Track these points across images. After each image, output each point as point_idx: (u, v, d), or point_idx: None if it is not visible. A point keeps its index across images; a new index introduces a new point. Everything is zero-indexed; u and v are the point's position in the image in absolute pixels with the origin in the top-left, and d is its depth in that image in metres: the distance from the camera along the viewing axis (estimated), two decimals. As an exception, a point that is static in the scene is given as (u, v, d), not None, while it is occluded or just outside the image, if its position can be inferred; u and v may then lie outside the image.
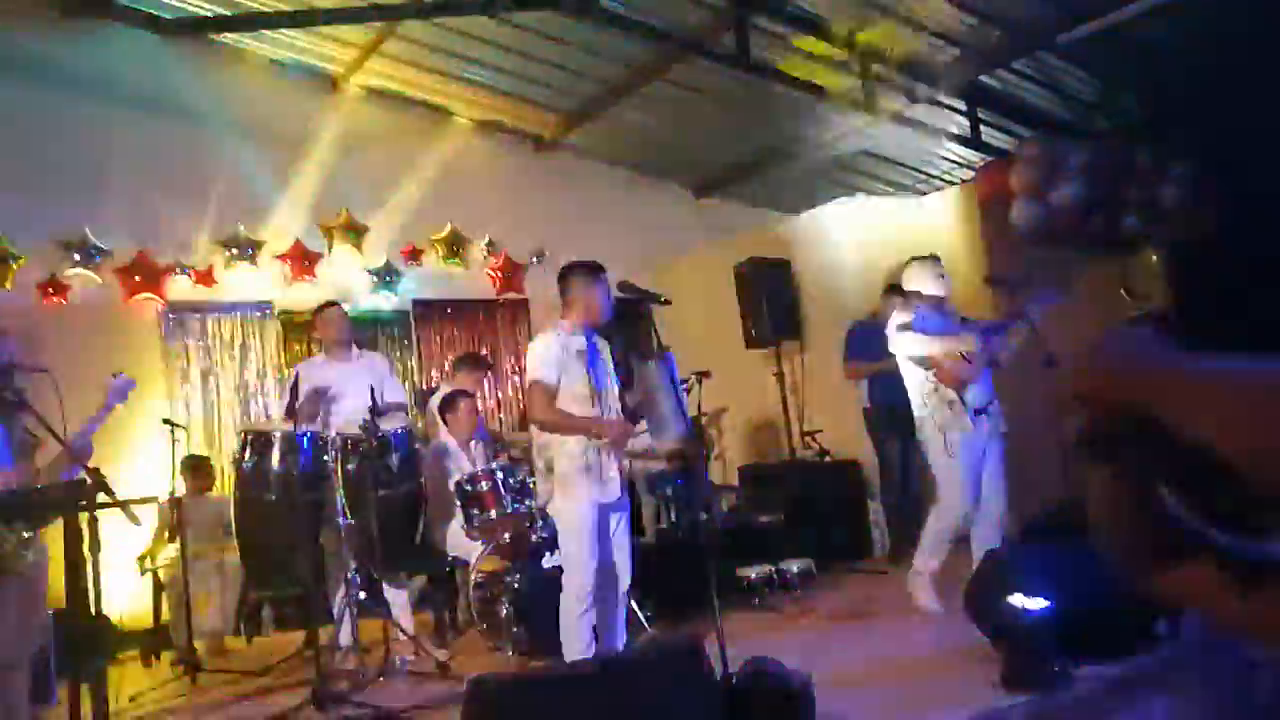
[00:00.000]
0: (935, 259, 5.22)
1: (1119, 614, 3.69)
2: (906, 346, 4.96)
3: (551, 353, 4.01)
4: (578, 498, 3.96)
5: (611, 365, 4.21)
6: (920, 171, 9.75)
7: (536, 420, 4.15)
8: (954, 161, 9.42)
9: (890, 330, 5.07)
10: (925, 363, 4.91)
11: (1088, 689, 3.13)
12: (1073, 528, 4.61)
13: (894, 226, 7.55)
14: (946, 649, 4.02)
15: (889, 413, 6.52)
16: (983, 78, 7.92)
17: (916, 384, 4.98)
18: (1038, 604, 3.32)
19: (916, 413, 5.01)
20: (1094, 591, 3.64)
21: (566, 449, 4.00)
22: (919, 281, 5.10)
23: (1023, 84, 8.02)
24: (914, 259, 5.24)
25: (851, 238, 7.50)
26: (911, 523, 6.68)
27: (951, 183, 9.54)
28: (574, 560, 3.99)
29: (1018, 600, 3.35)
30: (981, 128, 8.49)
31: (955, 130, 8.64)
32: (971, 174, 8.54)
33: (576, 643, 3.95)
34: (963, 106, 8.38)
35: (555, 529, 4.33)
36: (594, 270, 4.14)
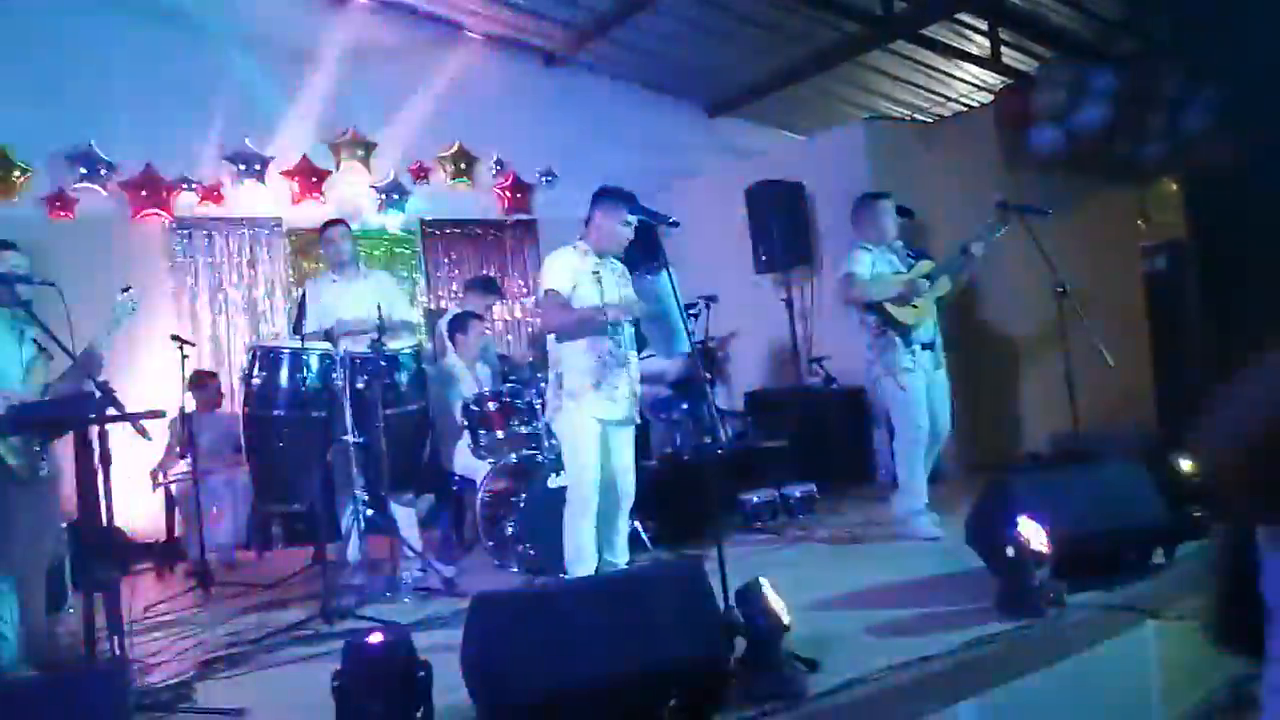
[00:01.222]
0: (886, 196, 5.29)
1: (1114, 543, 3.72)
2: (854, 296, 5.09)
3: (567, 265, 4.09)
4: (583, 412, 4.01)
5: (622, 291, 4.20)
6: (938, 94, 9.53)
7: (548, 327, 4.22)
8: (972, 84, 9.20)
9: (839, 278, 5.18)
10: (874, 307, 5.04)
11: (1081, 617, 3.17)
12: (1073, 457, 4.63)
13: (910, 150, 7.42)
14: (945, 574, 4.07)
15: None
16: (1006, -5, 7.70)
17: (865, 326, 5.12)
18: (1034, 531, 3.34)
19: (865, 354, 5.15)
20: (1090, 520, 3.67)
21: (576, 364, 4.04)
22: (868, 220, 5.20)
23: (1046, 2, 7.79)
24: (865, 196, 5.31)
25: (866, 161, 7.38)
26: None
27: (970, 106, 9.34)
28: (576, 473, 4.06)
29: (1015, 527, 3.37)
30: (1003, 49, 8.27)
31: (976, 51, 8.42)
32: (991, 97, 8.35)
33: (580, 555, 4.04)
34: (984, 26, 8.15)
35: (560, 449, 4.35)
36: (622, 200, 4.14)
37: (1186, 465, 3.92)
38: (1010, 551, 3.40)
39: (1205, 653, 1.29)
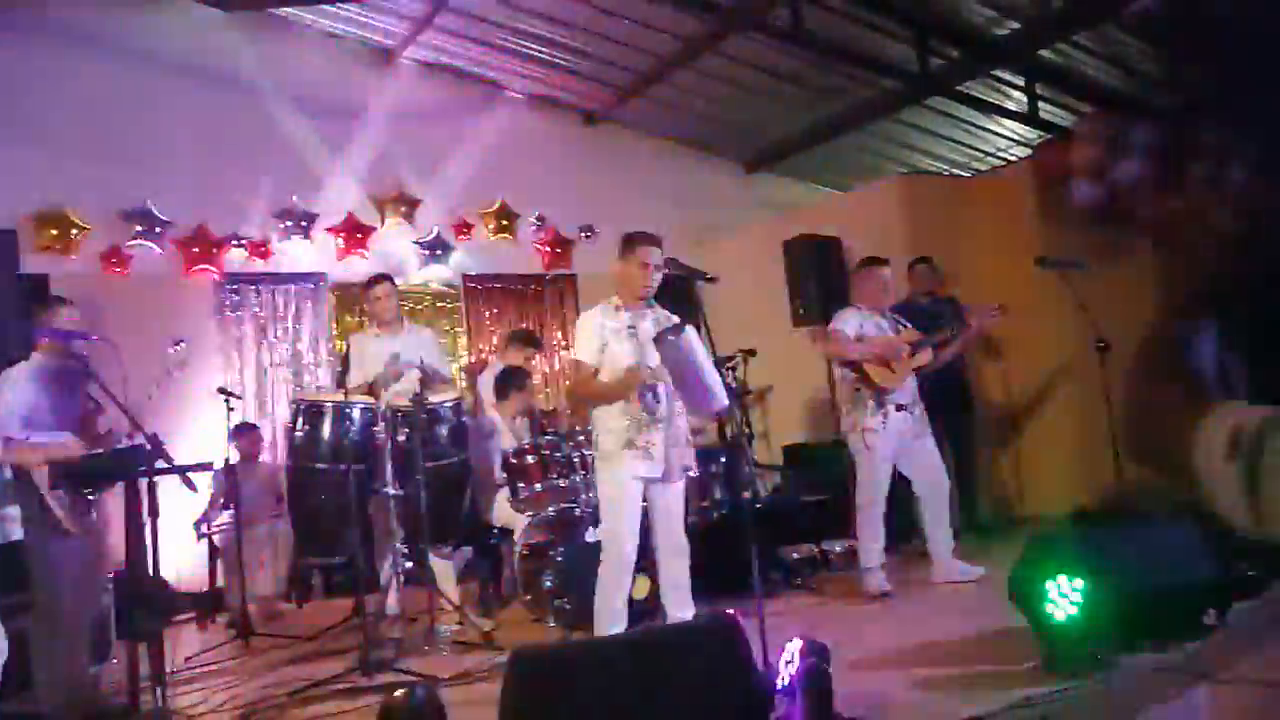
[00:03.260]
0: (883, 262, 5.41)
1: (1165, 602, 3.63)
2: (832, 350, 5.30)
3: (589, 331, 4.04)
4: (618, 472, 3.95)
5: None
6: (975, 149, 9.57)
7: (570, 397, 4.19)
8: (1010, 138, 9.23)
9: (822, 332, 5.38)
10: (849, 365, 5.19)
11: (1129, 677, 3.10)
12: (1119, 513, 4.55)
13: (947, 205, 7.43)
14: (988, 633, 3.98)
15: (930, 394, 6.52)
16: (1042, 51, 7.74)
17: (844, 382, 5.27)
18: (1082, 589, 3.27)
19: (842, 406, 5.30)
20: (1140, 578, 3.58)
21: (608, 424, 3.99)
22: (864, 284, 5.36)
23: (1084, 57, 7.82)
24: (864, 261, 5.46)
25: (903, 216, 7.40)
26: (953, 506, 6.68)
27: (1008, 160, 9.36)
28: (611, 534, 4.00)
29: (1060, 585, 3.30)
30: (1040, 103, 8.30)
31: (1013, 106, 8.46)
32: (1028, 151, 8.36)
33: (611, 615, 3.96)
34: (1021, 81, 8.20)
35: (597, 502, 4.34)
36: (628, 242, 4.07)
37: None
38: (1056, 610, 3.33)
39: (1261, 716, 1.26)
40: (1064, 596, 3.32)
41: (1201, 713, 3.18)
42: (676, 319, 4.01)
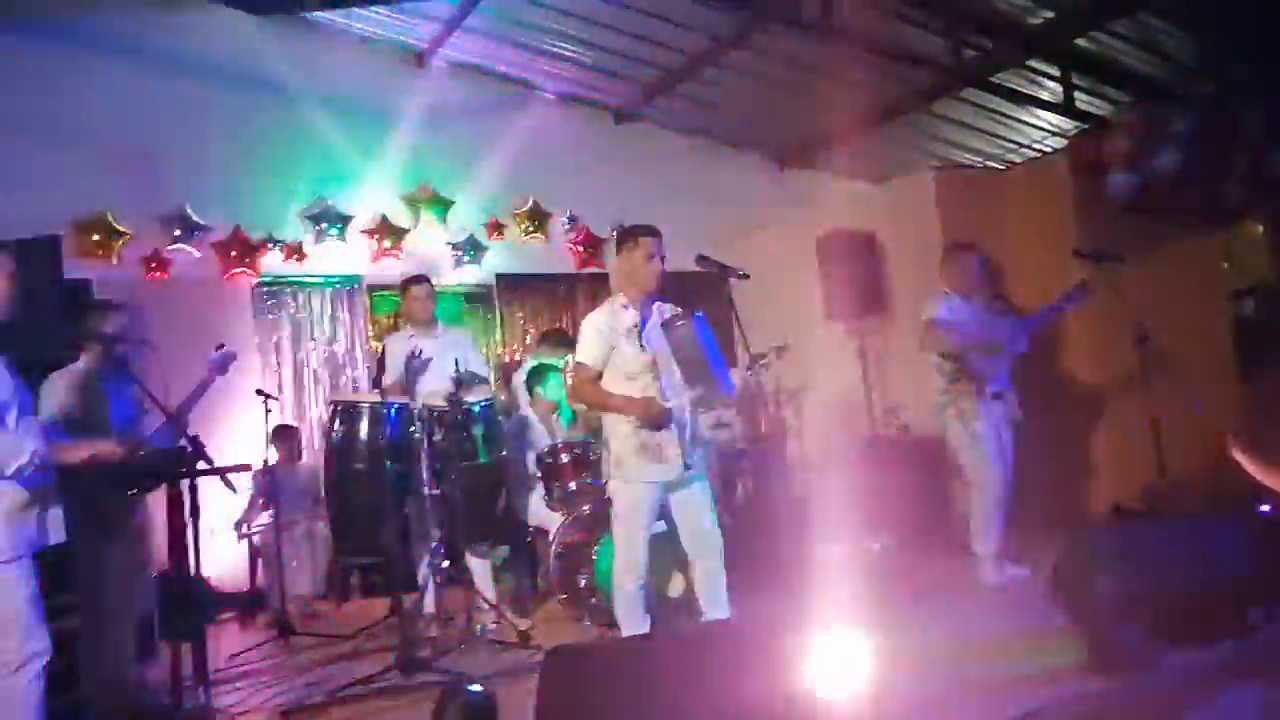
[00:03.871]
0: (970, 247, 5.38)
1: (1210, 600, 3.57)
2: (934, 343, 5.17)
3: (593, 332, 3.94)
4: (629, 478, 3.88)
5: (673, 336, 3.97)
6: (1010, 140, 9.45)
7: (575, 400, 4.15)
8: (1046, 129, 9.11)
9: (922, 323, 5.22)
10: (951, 355, 5.13)
11: (1175, 675, 3.06)
12: (1164, 510, 4.48)
13: (983, 198, 7.35)
14: (1029, 630, 3.95)
15: None
16: (1078, 40, 7.63)
17: (941, 372, 5.21)
18: (1125, 587, 3.23)
19: (937, 398, 5.25)
20: (1185, 576, 3.53)
21: (618, 429, 3.91)
22: (954, 270, 5.30)
23: (1121, 46, 7.70)
24: (952, 246, 5.43)
25: (938, 210, 7.33)
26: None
27: (1044, 152, 9.23)
28: (622, 541, 3.94)
29: (1105, 582, 3.26)
30: (1076, 93, 8.17)
31: (1048, 97, 8.34)
32: (1064, 142, 8.25)
33: (630, 619, 3.91)
34: (1056, 71, 8.08)
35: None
36: (626, 236, 4.00)
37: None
38: (1099, 607, 3.29)
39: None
40: (1107, 594, 3.28)
41: (1246, 711, 3.13)
42: (679, 310, 3.94)
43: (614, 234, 8.86)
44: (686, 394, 3.87)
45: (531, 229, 8.63)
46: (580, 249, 8.82)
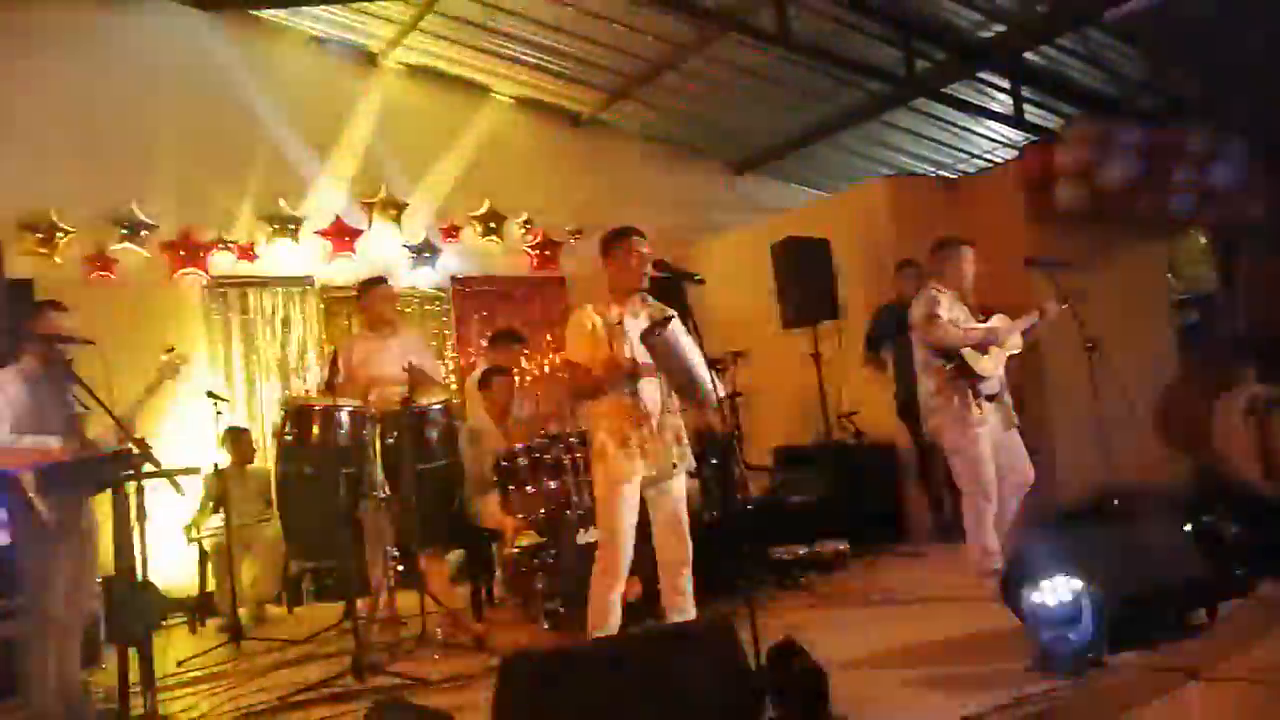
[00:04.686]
0: (965, 240, 5.10)
1: (1154, 602, 3.65)
2: (941, 337, 4.84)
3: (582, 330, 3.97)
4: (612, 472, 3.89)
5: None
6: (962, 150, 9.62)
7: (572, 395, 4.13)
8: (996, 140, 9.29)
9: (917, 318, 4.96)
10: (950, 354, 4.83)
11: (1120, 677, 3.12)
12: (1110, 513, 4.57)
13: (934, 207, 7.46)
14: (980, 633, 4.01)
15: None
16: (1028, 54, 7.80)
17: (932, 372, 4.92)
18: (1071, 589, 3.29)
19: (927, 401, 4.96)
20: (1130, 578, 3.60)
21: (600, 423, 3.94)
22: (948, 266, 5.00)
23: (1069, 61, 7.88)
24: (946, 241, 5.11)
25: (890, 217, 7.43)
26: (939, 509, 6.70)
27: (994, 163, 9.41)
28: (605, 534, 3.94)
29: (1051, 585, 3.32)
30: (1025, 106, 8.35)
31: (998, 108, 8.51)
32: (1015, 153, 8.42)
33: (602, 618, 3.90)
34: (1006, 84, 8.25)
35: (589, 505, 4.32)
36: (610, 239, 4.03)
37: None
38: (1046, 609, 3.35)
39: (1251, 714, 1.28)
40: (1054, 596, 3.34)
41: (1191, 711, 3.21)
42: (672, 311, 3.96)
43: (571, 238, 8.85)
44: (671, 397, 3.90)
45: (488, 232, 8.59)
46: (537, 252, 8.80)
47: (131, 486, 3.75)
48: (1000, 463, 4.83)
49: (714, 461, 5.86)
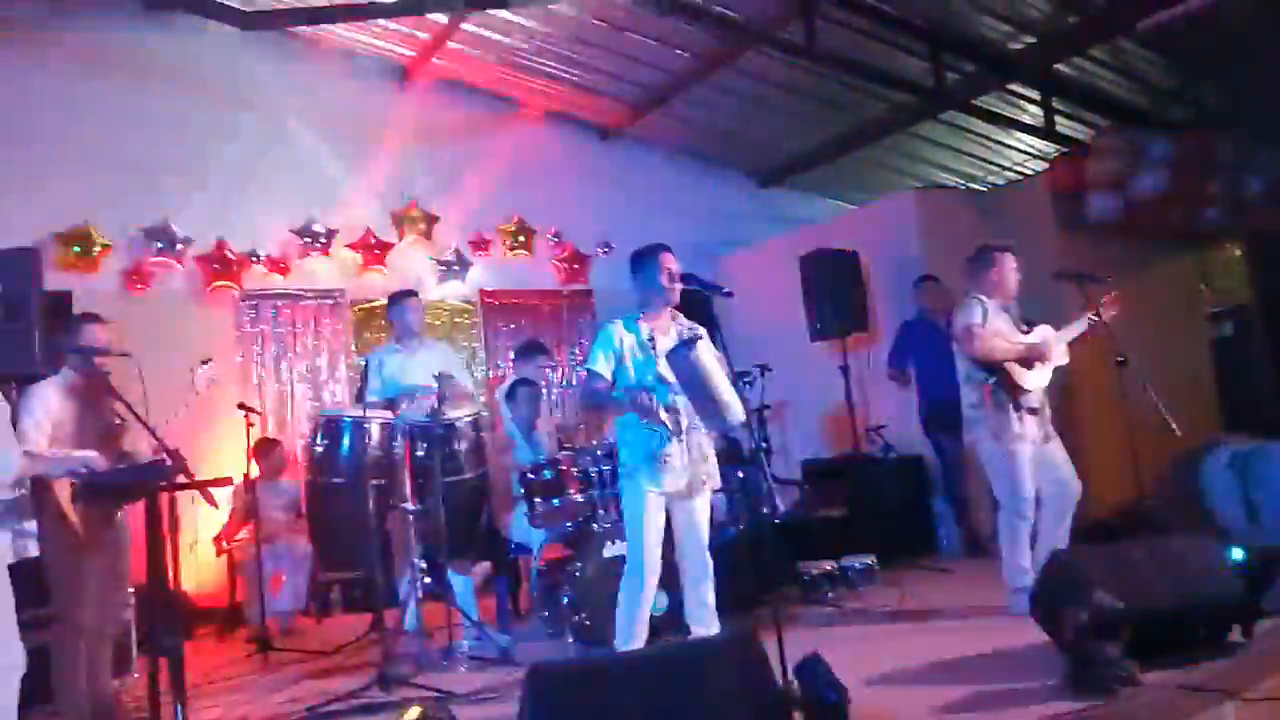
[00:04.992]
0: (1007, 247, 4.98)
1: (1189, 620, 3.59)
2: (982, 351, 4.73)
3: (606, 343, 3.98)
4: (638, 488, 3.90)
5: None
6: (991, 163, 9.56)
7: (583, 406, 4.11)
8: (1026, 152, 9.22)
9: (958, 329, 4.88)
10: (993, 367, 4.73)
11: (1155, 696, 3.08)
12: (1142, 529, 4.51)
13: (963, 219, 7.42)
14: (1010, 650, 3.96)
15: (943, 412, 6.55)
16: (1058, 66, 7.74)
17: (974, 385, 4.82)
18: (1105, 607, 3.25)
19: (968, 413, 4.87)
20: (1164, 595, 3.55)
21: (626, 438, 3.96)
22: (989, 274, 4.89)
23: (1100, 72, 7.82)
24: (985, 247, 5.00)
25: (919, 230, 7.40)
26: (967, 521, 6.64)
27: (1024, 175, 9.34)
28: (633, 549, 3.95)
29: (1083, 601, 3.28)
30: (1056, 117, 8.29)
31: (1029, 120, 8.45)
32: (1045, 165, 8.35)
33: (629, 634, 3.90)
34: (1037, 95, 8.19)
35: (615, 518, 4.32)
36: (648, 253, 4.03)
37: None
38: (1078, 627, 3.31)
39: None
40: (1086, 613, 3.30)
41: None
42: (700, 329, 3.98)
43: (599, 251, 8.88)
44: (697, 417, 3.89)
45: (516, 245, 8.64)
46: (565, 265, 8.83)
47: (165, 497, 3.80)
48: (1039, 477, 4.73)
49: (741, 475, 5.84)
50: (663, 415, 3.85)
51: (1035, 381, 4.75)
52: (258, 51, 7.56)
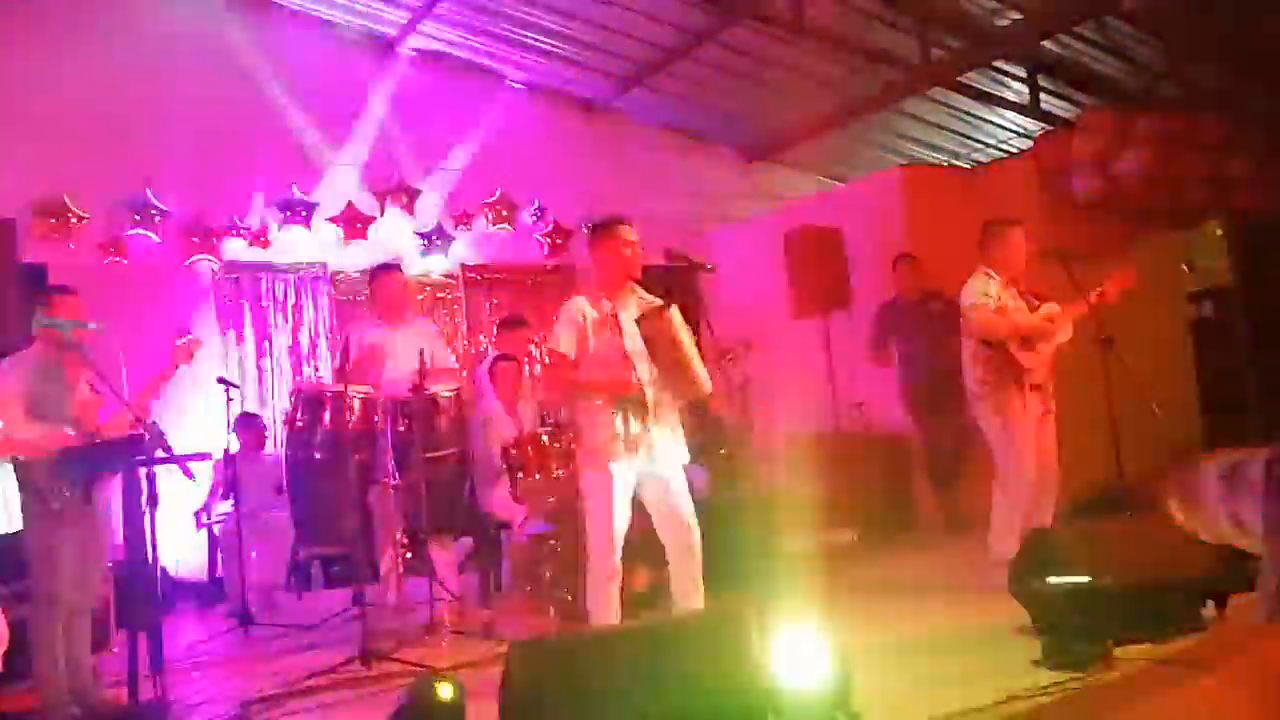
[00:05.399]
0: (1015, 222, 4.95)
1: (1164, 596, 3.63)
2: (986, 329, 4.75)
3: (568, 321, 3.90)
4: (603, 466, 3.81)
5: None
6: (977, 140, 9.55)
7: (548, 389, 4.03)
8: (1012, 130, 9.21)
9: (964, 305, 4.87)
10: (1000, 342, 4.73)
11: (1128, 671, 3.11)
12: (1120, 506, 4.55)
13: (948, 197, 7.42)
14: (989, 626, 3.99)
15: (925, 390, 6.60)
16: (1045, 43, 7.72)
17: (980, 361, 4.83)
18: (1080, 583, 3.28)
19: (972, 388, 4.89)
20: (1139, 571, 3.58)
21: (590, 417, 3.86)
22: (998, 248, 4.88)
23: (1086, 50, 7.80)
24: (994, 223, 4.97)
25: (904, 207, 7.39)
26: (948, 499, 6.69)
27: (1009, 152, 9.34)
28: (595, 530, 3.87)
29: (1060, 578, 3.31)
30: (1041, 95, 8.28)
31: (1014, 97, 8.44)
32: (1030, 143, 8.35)
33: (602, 610, 3.86)
34: (1022, 73, 8.17)
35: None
36: (600, 228, 3.98)
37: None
38: (1055, 603, 3.34)
39: (1262, 710, 1.29)
40: (1062, 590, 3.33)
41: (1201, 706, 3.19)
42: (660, 301, 3.94)
43: (585, 228, 8.83)
44: (663, 390, 3.84)
45: (499, 219, 8.58)
46: (548, 240, 8.78)
47: (143, 471, 3.77)
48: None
49: (723, 450, 5.85)
50: (630, 389, 3.79)
51: (1036, 359, 4.76)
52: (239, 20, 7.45)
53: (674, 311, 3.77)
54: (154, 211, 7.08)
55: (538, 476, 5.28)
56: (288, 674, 4.29)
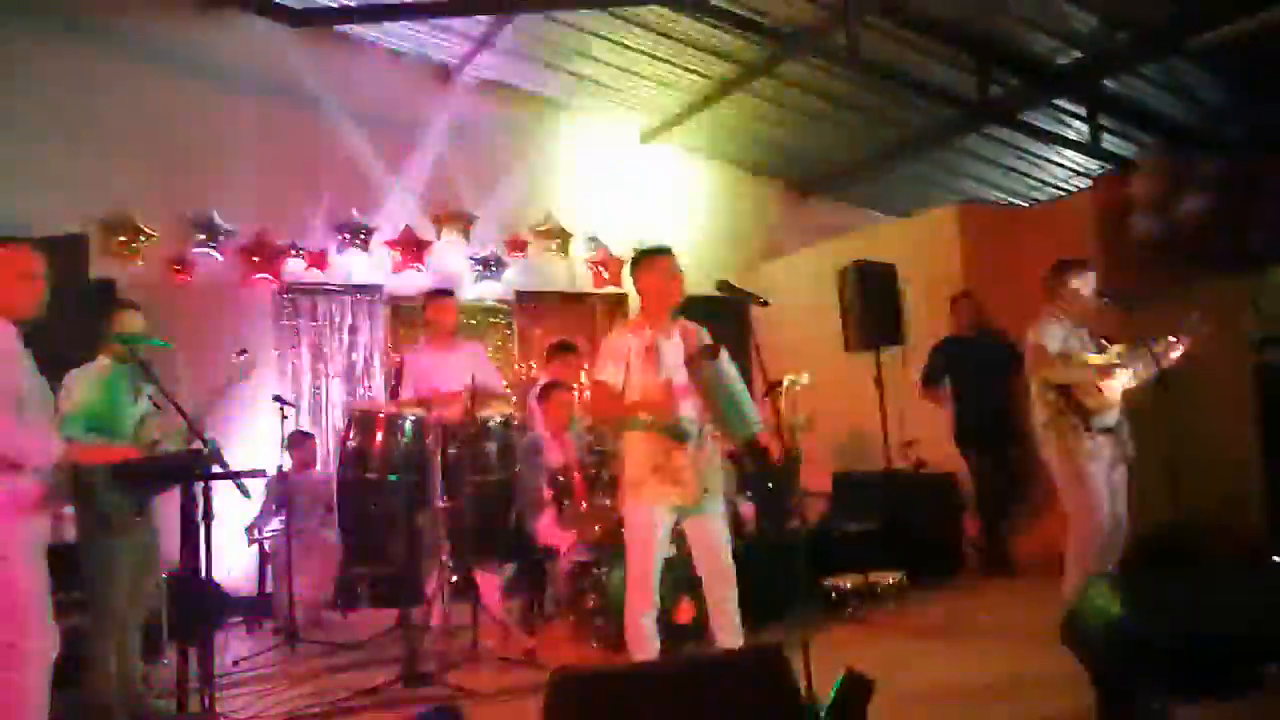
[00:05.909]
0: (1084, 263, 4.87)
1: (1224, 651, 3.52)
2: (1048, 374, 4.69)
3: (612, 351, 3.90)
4: (643, 501, 3.80)
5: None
6: (1035, 178, 9.45)
7: (596, 418, 4.04)
8: (1071, 169, 9.10)
9: (1027, 350, 4.80)
10: (1067, 388, 4.67)
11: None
12: (1181, 555, 4.42)
13: (1005, 235, 7.34)
14: (1040, 675, 3.90)
15: (977, 428, 6.51)
16: (1106, 82, 7.63)
17: (1044, 404, 4.76)
18: (1136, 633, 3.19)
19: (1040, 432, 4.81)
20: (1198, 626, 3.48)
21: (634, 451, 3.86)
22: (1063, 292, 4.80)
23: (1148, 89, 7.70)
24: (1062, 263, 4.87)
25: (960, 244, 7.32)
26: (997, 539, 6.57)
27: (1068, 191, 9.22)
28: (634, 565, 3.85)
29: (1117, 630, 3.22)
30: (1102, 134, 8.18)
31: (1074, 136, 8.34)
32: (1089, 182, 8.24)
33: (639, 643, 3.83)
34: (1083, 111, 8.09)
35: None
36: (644, 257, 3.98)
37: None
38: (1108, 655, 3.25)
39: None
40: (1118, 640, 3.24)
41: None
42: (705, 331, 3.93)
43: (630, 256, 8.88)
44: (708, 425, 3.84)
45: (552, 247, 8.66)
46: (600, 268, 8.84)
47: (199, 486, 3.84)
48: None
49: (770, 486, 5.80)
50: (669, 415, 3.78)
51: (1101, 401, 4.65)
52: (305, 48, 7.64)
53: (723, 355, 3.75)
54: (218, 230, 7.26)
55: (584, 504, 5.28)
56: (330, 692, 4.33)
